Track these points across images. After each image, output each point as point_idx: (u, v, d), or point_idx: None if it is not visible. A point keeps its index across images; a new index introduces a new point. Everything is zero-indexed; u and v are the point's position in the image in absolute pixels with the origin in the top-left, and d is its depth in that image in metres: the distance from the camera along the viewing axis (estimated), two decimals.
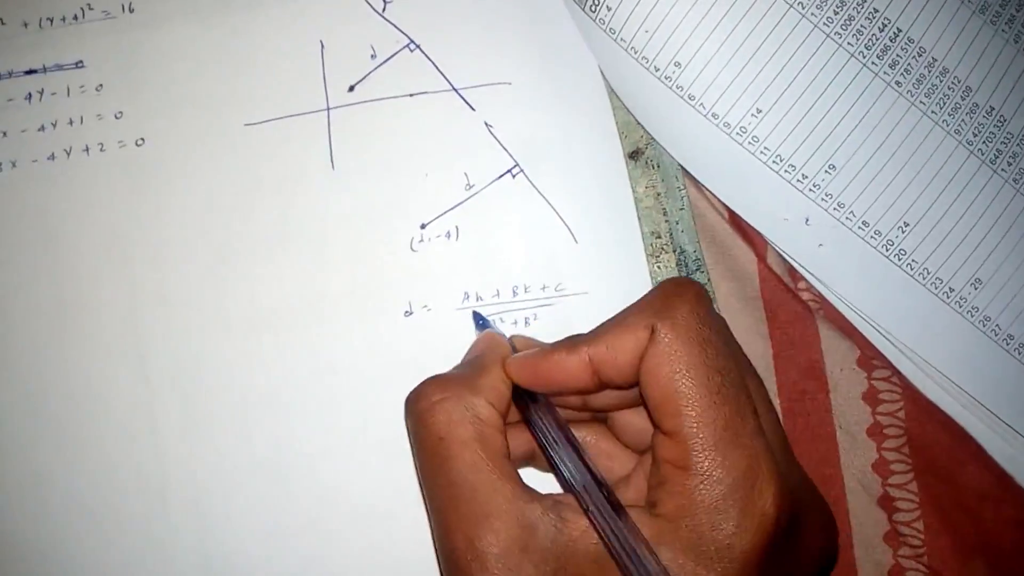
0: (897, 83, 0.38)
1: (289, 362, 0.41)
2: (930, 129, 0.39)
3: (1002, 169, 0.39)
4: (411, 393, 0.32)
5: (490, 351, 0.35)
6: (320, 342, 0.41)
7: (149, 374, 0.40)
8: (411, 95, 0.42)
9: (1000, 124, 0.39)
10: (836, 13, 0.38)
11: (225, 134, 0.41)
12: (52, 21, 0.42)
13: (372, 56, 0.42)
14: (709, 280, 0.42)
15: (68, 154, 0.41)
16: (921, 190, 0.39)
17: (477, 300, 0.41)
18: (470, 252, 0.41)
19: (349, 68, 0.42)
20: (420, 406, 0.31)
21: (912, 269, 0.39)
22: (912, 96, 0.38)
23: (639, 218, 0.42)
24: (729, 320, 0.34)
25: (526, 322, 0.41)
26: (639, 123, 0.42)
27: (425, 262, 0.41)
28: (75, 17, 0.42)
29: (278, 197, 0.41)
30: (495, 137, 0.42)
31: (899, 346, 0.40)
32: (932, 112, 0.39)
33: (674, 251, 0.43)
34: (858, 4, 0.38)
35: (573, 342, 0.32)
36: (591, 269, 0.42)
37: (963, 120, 0.39)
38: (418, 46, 0.42)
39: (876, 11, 0.38)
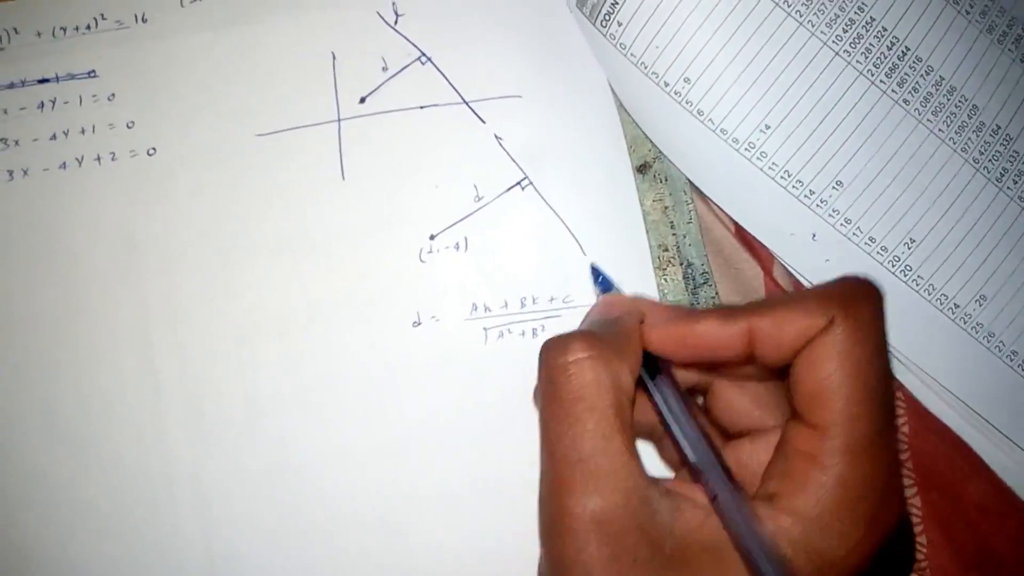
0: (905, 101, 0.39)
1: (297, 370, 0.41)
2: (937, 147, 0.39)
3: (1008, 187, 0.39)
4: (554, 340, 0.30)
5: (628, 315, 0.32)
6: (328, 351, 0.41)
7: (158, 382, 0.40)
8: (422, 107, 0.42)
9: (1006, 142, 0.39)
10: (845, 31, 0.38)
11: (236, 144, 0.42)
12: (65, 31, 0.42)
13: (383, 68, 0.42)
14: (717, 294, 0.43)
15: (80, 163, 0.42)
16: (927, 207, 0.39)
17: (485, 311, 0.41)
18: (479, 263, 0.42)
19: (360, 80, 0.42)
20: (565, 359, 0.29)
21: (918, 285, 0.39)
22: (919, 114, 0.39)
23: (647, 231, 0.42)
24: None
25: (534, 333, 0.41)
26: (647, 137, 0.42)
27: (434, 273, 0.42)
28: (88, 27, 0.42)
29: (288, 207, 0.41)
30: (504, 149, 0.42)
31: (903, 360, 0.40)
32: (939, 130, 0.39)
33: (681, 264, 0.43)
34: (867, 23, 0.38)
35: (730, 312, 0.30)
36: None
37: (970, 138, 0.39)
38: (429, 59, 0.42)
39: (885, 30, 0.39)
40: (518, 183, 0.42)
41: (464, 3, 0.42)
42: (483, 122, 0.42)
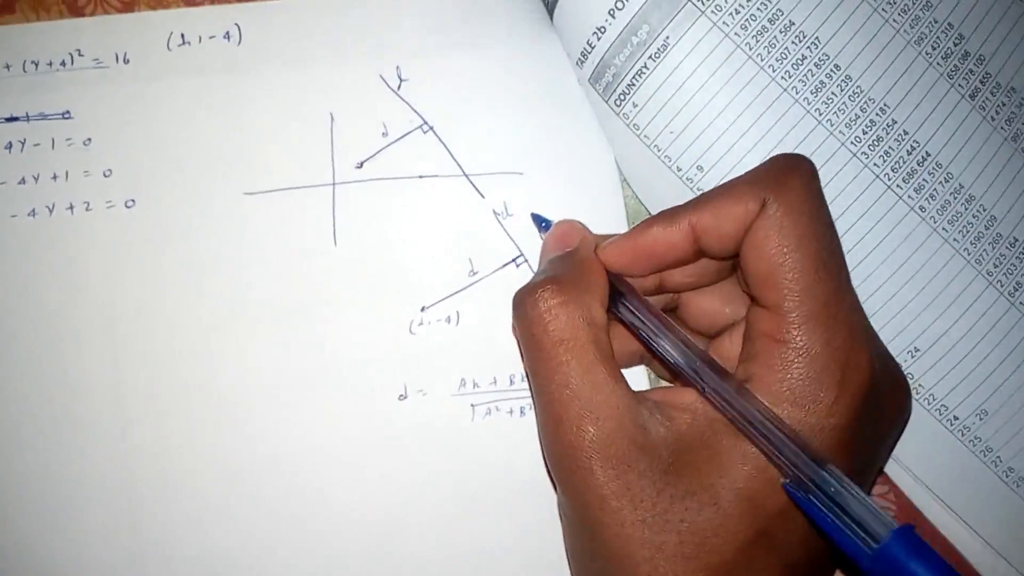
0: (921, 208, 0.38)
1: (278, 441, 0.39)
2: (951, 256, 0.38)
3: (1020, 303, 0.38)
4: (524, 293, 0.32)
5: (584, 245, 0.34)
6: (310, 422, 0.39)
7: (132, 448, 0.38)
8: (420, 177, 0.40)
9: (1022, 257, 0.38)
10: (865, 132, 0.37)
11: (223, 202, 0.39)
12: (37, 65, 0.39)
13: (384, 134, 0.40)
14: None
15: (51, 211, 0.39)
16: (935, 317, 0.38)
17: (474, 387, 0.40)
18: (469, 338, 0.40)
19: (359, 144, 0.40)
20: (539, 309, 0.31)
21: (918, 394, 0.39)
22: (935, 222, 0.38)
23: None
24: None
25: (521, 412, 0.40)
26: (650, 215, 0.41)
27: (423, 345, 0.40)
28: (63, 63, 0.39)
29: (276, 271, 0.39)
30: (502, 226, 0.40)
31: (899, 463, 0.40)
32: (954, 240, 0.38)
33: None
34: (887, 125, 0.37)
35: (672, 213, 0.32)
36: None
37: (985, 249, 0.38)
38: (431, 128, 0.40)
39: (906, 133, 0.38)
40: (513, 260, 0.40)
41: (470, 72, 0.40)
42: (482, 196, 0.40)
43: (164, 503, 0.38)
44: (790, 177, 0.30)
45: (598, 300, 0.32)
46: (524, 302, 0.32)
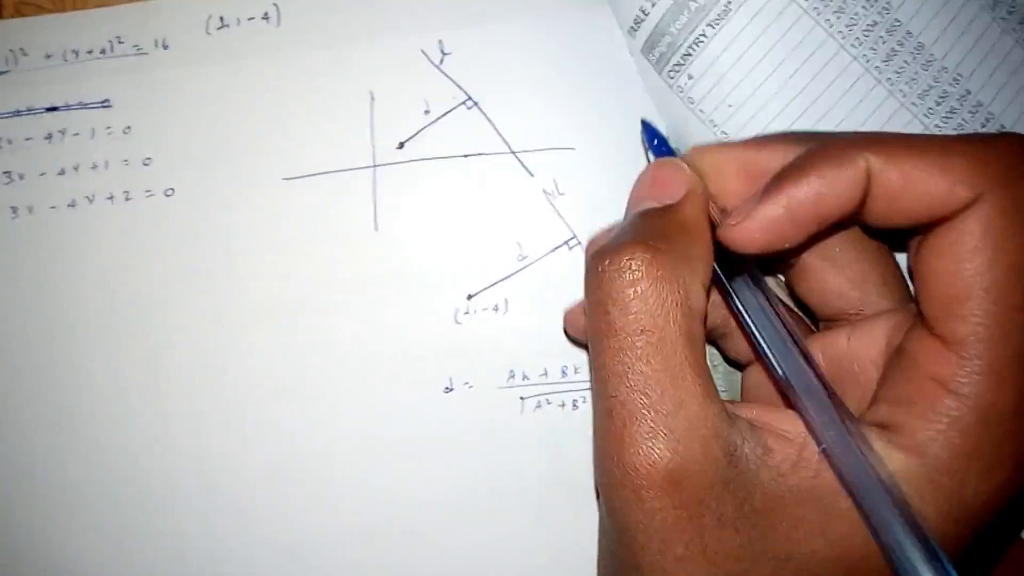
0: None
1: (321, 434, 0.38)
2: None
3: None
4: (609, 253, 0.24)
5: (691, 200, 0.26)
6: (352, 414, 0.38)
7: (170, 441, 0.37)
8: (465, 156, 0.38)
9: None
10: (938, 104, 0.35)
11: (262, 188, 0.38)
12: (77, 54, 0.39)
13: (426, 111, 0.38)
14: None
15: (91, 201, 0.38)
16: None
17: (523, 379, 0.38)
18: (518, 327, 0.38)
19: (400, 123, 0.38)
20: (621, 282, 0.24)
21: None
22: None
23: None
24: None
25: (574, 405, 0.38)
26: None
27: (470, 335, 0.38)
28: (103, 51, 0.39)
29: (315, 258, 0.38)
30: (553, 206, 0.38)
31: None
32: None
33: None
34: (961, 96, 0.35)
35: (840, 146, 0.23)
36: None
37: None
38: (476, 103, 0.38)
39: (980, 104, 0.35)
40: (565, 242, 0.38)
41: (516, 44, 0.39)
42: (531, 175, 0.38)
43: (205, 499, 0.37)
44: None
45: (699, 280, 0.24)
46: (601, 268, 0.24)
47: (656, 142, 0.34)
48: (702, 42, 0.35)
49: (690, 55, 0.36)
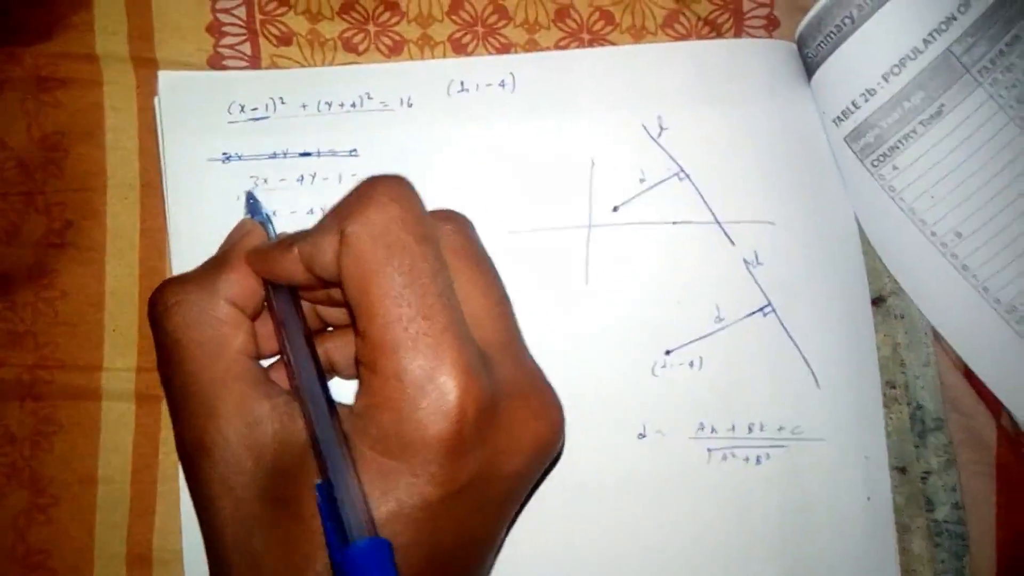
0: None
1: None
2: None
3: None
4: (152, 295, 0.33)
5: (237, 244, 0.35)
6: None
7: None
8: (674, 223, 0.42)
9: None
10: None
11: (490, 238, 0.42)
12: (330, 106, 0.43)
13: (641, 180, 0.42)
14: (951, 441, 0.42)
15: None
16: None
17: (712, 432, 0.41)
18: (711, 383, 0.42)
19: (616, 188, 0.42)
20: (157, 310, 0.33)
21: None
22: None
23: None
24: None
25: (758, 460, 0.41)
26: (887, 274, 0.42)
27: (665, 387, 0.41)
28: (353, 105, 0.43)
29: (531, 305, 0.41)
30: (751, 274, 0.42)
31: None
32: None
33: (908, 404, 0.42)
34: None
35: (292, 237, 0.33)
36: (830, 415, 0.41)
37: None
38: (687, 175, 0.42)
39: None
40: (760, 309, 0.42)
41: (728, 125, 0.42)
42: (732, 244, 0.42)
43: None
44: (365, 205, 0.31)
45: (224, 298, 0.33)
46: (150, 302, 0.33)
47: (251, 200, 0.39)
48: (912, 137, 0.38)
49: (898, 148, 0.39)
